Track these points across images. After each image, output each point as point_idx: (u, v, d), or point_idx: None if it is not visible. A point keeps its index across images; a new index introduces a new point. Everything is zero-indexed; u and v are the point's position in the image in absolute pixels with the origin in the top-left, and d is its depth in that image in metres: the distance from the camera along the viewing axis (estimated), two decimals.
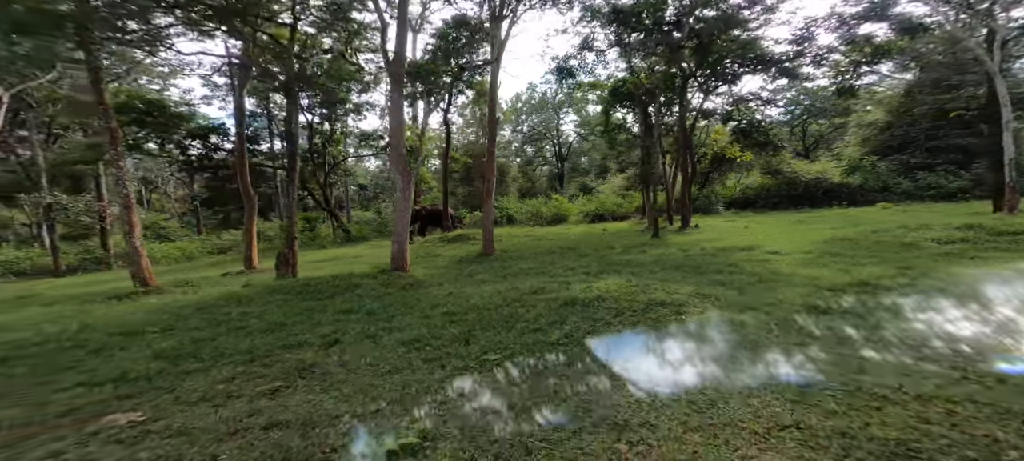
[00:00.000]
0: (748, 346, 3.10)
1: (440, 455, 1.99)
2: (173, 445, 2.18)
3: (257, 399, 2.77)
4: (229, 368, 3.34)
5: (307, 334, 4.20)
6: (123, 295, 8.40)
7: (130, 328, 4.79)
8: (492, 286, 6.17)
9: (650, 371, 2.82)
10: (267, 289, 6.50)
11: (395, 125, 8.04)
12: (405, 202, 7.91)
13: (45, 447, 2.28)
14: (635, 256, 8.20)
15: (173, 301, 6.85)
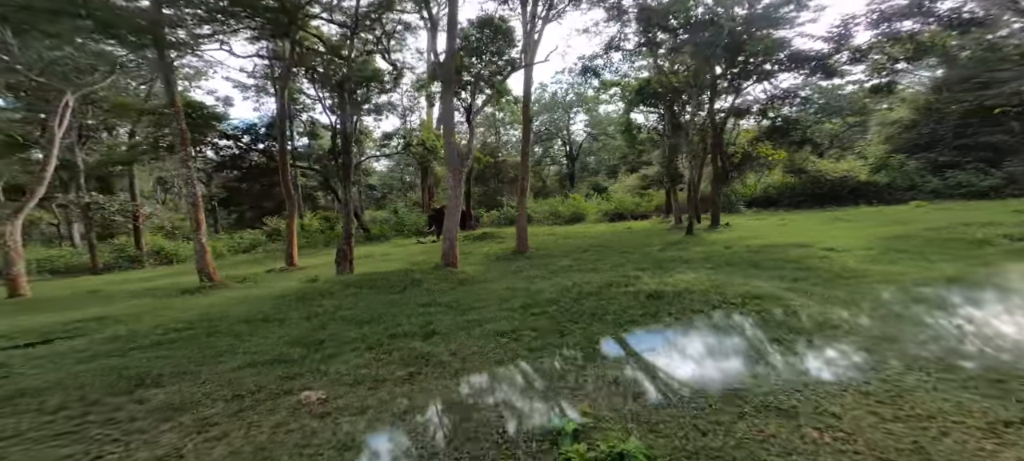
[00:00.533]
0: (887, 339, 3.08)
1: (610, 435, 2.11)
2: (366, 421, 2.44)
3: (400, 384, 3.01)
4: (356, 355, 3.61)
5: (404, 325, 4.45)
6: (192, 290, 8.79)
7: (245, 317, 5.10)
8: (550, 281, 6.37)
9: (785, 360, 2.85)
10: (339, 284, 6.79)
11: (447, 125, 8.29)
12: (456, 200, 8.16)
13: (269, 418, 2.56)
14: (678, 253, 8.34)
15: (248, 295, 7.19)
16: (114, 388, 3.09)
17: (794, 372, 2.74)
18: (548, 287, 5.73)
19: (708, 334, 3.44)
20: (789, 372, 2.74)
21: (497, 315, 4.71)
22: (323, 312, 5.11)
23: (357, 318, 4.79)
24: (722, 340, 3.33)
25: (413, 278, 6.97)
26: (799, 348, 3.09)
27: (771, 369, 2.79)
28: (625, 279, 5.04)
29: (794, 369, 2.78)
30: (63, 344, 4.68)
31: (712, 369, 2.89)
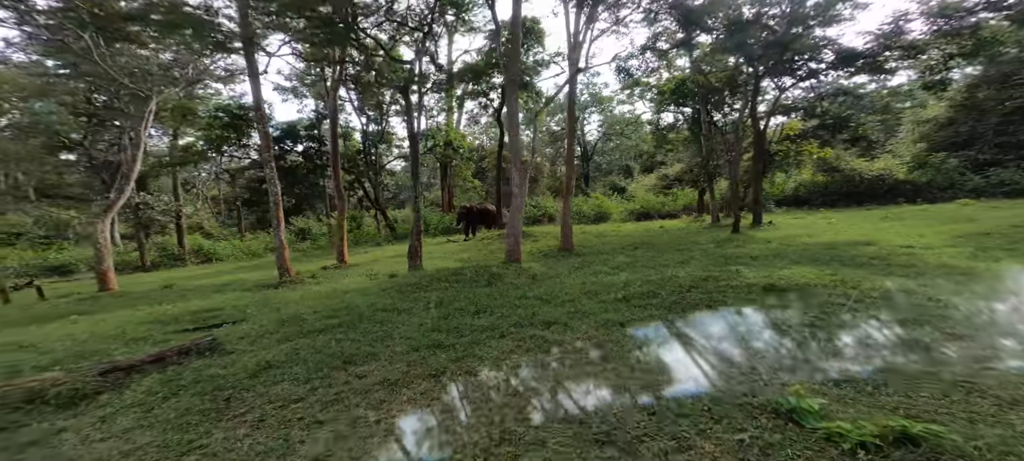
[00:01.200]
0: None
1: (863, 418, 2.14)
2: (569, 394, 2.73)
3: (563, 366, 3.30)
4: (496, 341, 3.89)
5: (517, 315, 4.71)
6: (274, 284, 9.27)
7: (375, 308, 5.47)
8: (620, 276, 6.54)
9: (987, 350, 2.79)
10: (425, 278, 7.13)
11: (512, 124, 8.60)
12: (521, 198, 8.46)
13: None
14: (737, 249, 8.47)
15: (334, 288, 7.60)
16: (331, 365, 3.45)
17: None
18: (630, 280, 5.95)
19: (890, 324, 3.48)
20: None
21: (598, 307, 4.94)
22: (434, 303, 5.43)
23: (468, 309, 5.09)
24: (913, 331, 3.30)
25: (491, 273, 7.28)
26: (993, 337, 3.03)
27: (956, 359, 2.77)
28: (722, 273, 5.23)
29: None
30: (232, 329, 5.09)
31: (932, 358, 2.85)
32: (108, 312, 7.26)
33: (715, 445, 2.09)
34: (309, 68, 22.06)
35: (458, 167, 26.64)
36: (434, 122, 28.68)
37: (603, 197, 27.98)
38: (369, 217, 29.06)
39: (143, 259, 19.81)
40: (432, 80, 14.59)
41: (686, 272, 5.91)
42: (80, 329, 5.78)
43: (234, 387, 3.12)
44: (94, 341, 5.06)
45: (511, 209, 8.59)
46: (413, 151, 9.62)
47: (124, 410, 2.94)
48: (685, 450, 2.08)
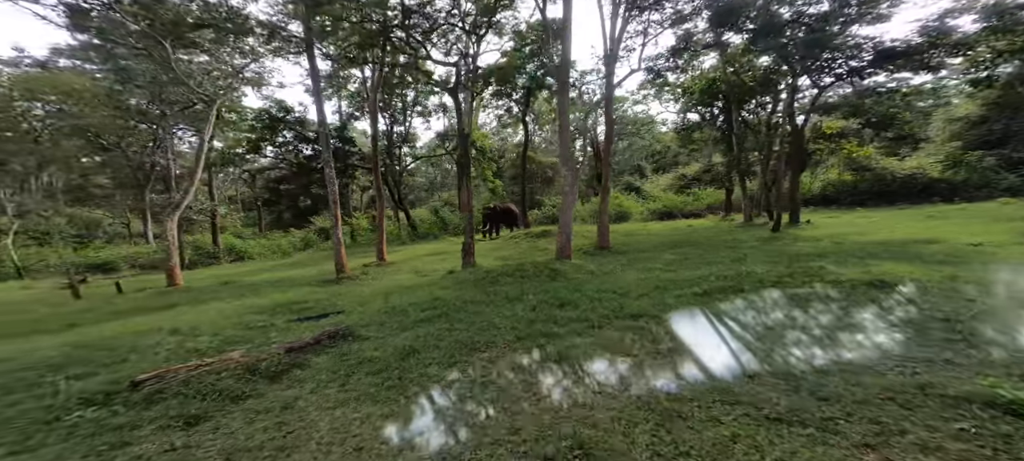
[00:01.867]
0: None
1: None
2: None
3: (680, 355, 3.55)
4: (595, 332, 4.13)
5: (599, 309, 4.90)
6: (332, 279, 9.68)
7: (462, 300, 5.77)
8: (679, 273, 6.72)
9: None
10: (486, 274, 7.42)
11: (562, 125, 8.86)
12: (572, 196, 8.71)
13: None
14: (790, 247, 8.55)
15: (398, 283, 7.97)
16: (461, 350, 3.74)
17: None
18: (704, 276, 6.12)
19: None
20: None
21: (678, 301, 5.13)
22: (513, 297, 5.71)
23: (551, 302, 5.35)
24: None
25: (551, 269, 7.54)
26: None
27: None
28: (801, 269, 5.38)
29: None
30: (337, 318, 5.45)
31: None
32: (201, 304, 7.69)
33: (929, 431, 2.08)
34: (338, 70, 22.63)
35: (483, 168, 26.97)
36: (450, 123, 28.92)
37: (623, 197, 28.08)
38: (387, 217, 29.44)
39: (182, 257, 20.49)
40: (478, 81, 14.90)
41: (761, 268, 6.09)
42: (195, 319, 6.18)
43: (395, 367, 3.43)
44: (228, 327, 5.45)
45: (563, 207, 8.84)
46: (464, 151, 9.93)
47: (323, 384, 3.28)
48: (895, 434, 2.07)
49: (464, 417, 2.65)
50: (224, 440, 2.58)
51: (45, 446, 2.66)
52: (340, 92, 25.37)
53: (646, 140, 47.63)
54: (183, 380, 3.32)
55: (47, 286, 15.46)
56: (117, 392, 3.27)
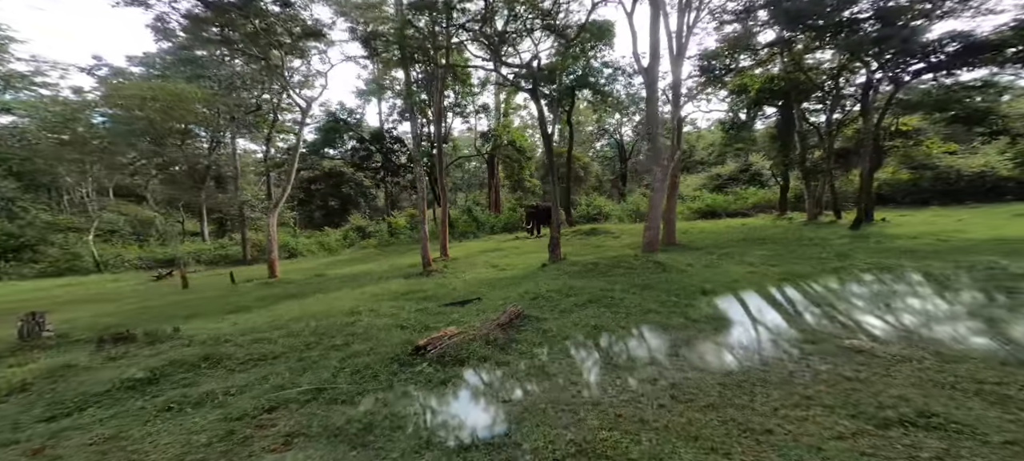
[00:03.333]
0: None
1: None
2: None
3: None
4: None
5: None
6: (419, 272, 10.21)
7: (596, 291, 6.05)
8: (801, 267, 6.89)
9: None
10: (589, 266, 7.76)
11: (652, 123, 9.13)
12: (662, 191, 8.97)
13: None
14: (888, 244, 8.52)
15: (487, 276, 8.40)
16: (638, 328, 4.10)
17: None
18: (806, 272, 6.30)
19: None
20: None
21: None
22: (641, 285, 6.03)
23: (683, 289, 5.64)
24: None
25: (653, 261, 7.81)
26: None
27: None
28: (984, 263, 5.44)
29: None
30: (482, 304, 5.91)
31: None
32: (327, 292, 8.32)
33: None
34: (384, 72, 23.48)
35: (524, 167, 27.40)
36: (473, 123, 29.25)
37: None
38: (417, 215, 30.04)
39: (245, 253, 21.71)
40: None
41: (866, 262, 6.20)
42: (343, 304, 6.73)
43: (591, 340, 3.80)
44: (387, 310, 5.94)
45: (652, 204, 9.11)
46: (548, 149, 10.32)
47: (553, 354, 3.69)
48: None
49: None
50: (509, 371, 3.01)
51: (398, 382, 3.32)
52: (382, 94, 26.29)
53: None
54: (450, 346, 3.81)
55: (138, 278, 16.66)
56: (406, 354, 3.80)
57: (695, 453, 2.16)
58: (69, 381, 3.59)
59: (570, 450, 2.23)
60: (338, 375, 3.55)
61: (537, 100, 10.63)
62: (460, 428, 2.61)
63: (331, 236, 27.14)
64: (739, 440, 2.26)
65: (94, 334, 5.49)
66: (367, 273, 11.78)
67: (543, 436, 2.39)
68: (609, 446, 2.24)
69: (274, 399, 3.13)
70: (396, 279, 9.71)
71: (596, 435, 2.32)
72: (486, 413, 2.79)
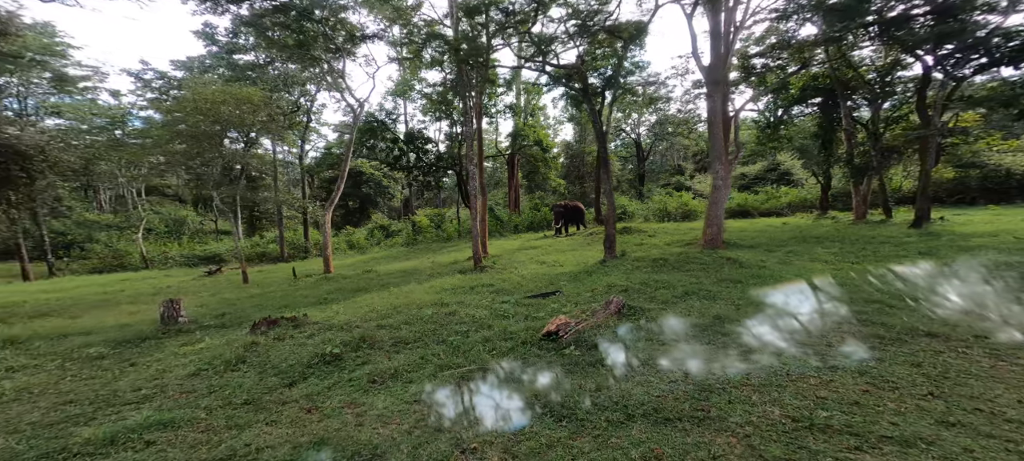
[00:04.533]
0: None
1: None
2: None
3: None
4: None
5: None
6: (469, 269, 10.46)
7: (690, 286, 6.19)
8: (877, 267, 6.91)
9: None
10: (654, 263, 7.89)
11: (713, 122, 9.21)
12: (725, 189, 9.04)
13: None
14: (958, 242, 8.41)
15: (542, 272, 8.59)
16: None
17: None
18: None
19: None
20: None
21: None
22: (729, 279, 6.15)
23: (764, 277, 5.73)
24: None
25: (725, 257, 7.90)
26: None
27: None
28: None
29: None
30: (569, 297, 6.12)
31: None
32: (391, 288, 8.60)
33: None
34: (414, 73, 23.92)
35: (549, 168, 27.52)
36: (499, 123, 29.43)
37: (688, 196, 27.95)
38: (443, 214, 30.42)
39: (282, 251, 22.39)
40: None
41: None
42: (419, 298, 7.01)
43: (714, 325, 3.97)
44: (472, 304, 6.20)
45: (714, 202, 9.19)
46: (601, 147, 10.47)
47: (688, 339, 3.90)
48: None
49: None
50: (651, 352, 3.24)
51: (534, 363, 3.51)
52: (408, 94, 26.75)
53: (691, 139, 46.74)
54: (579, 332, 4.01)
55: (188, 274, 17.36)
56: (536, 339, 4.03)
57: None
58: (269, 357, 3.90)
59: (786, 425, 2.38)
60: (490, 356, 3.78)
61: (590, 100, 10.78)
62: (647, 402, 2.79)
63: (358, 234, 27.70)
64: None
65: (218, 320, 5.86)
66: (414, 269, 12.08)
67: (746, 412, 2.55)
68: (842, 422, 2.32)
69: (452, 376, 3.37)
70: (450, 275, 9.97)
71: (812, 412, 2.46)
72: (660, 390, 2.97)
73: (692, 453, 2.16)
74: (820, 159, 17.11)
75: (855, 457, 2.05)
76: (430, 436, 2.53)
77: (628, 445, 2.28)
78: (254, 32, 10.95)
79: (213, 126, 11.74)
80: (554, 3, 11.89)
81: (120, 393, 3.26)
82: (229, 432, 2.56)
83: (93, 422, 2.79)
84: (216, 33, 20.53)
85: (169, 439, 2.51)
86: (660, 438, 2.32)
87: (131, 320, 6.31)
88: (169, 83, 23.93)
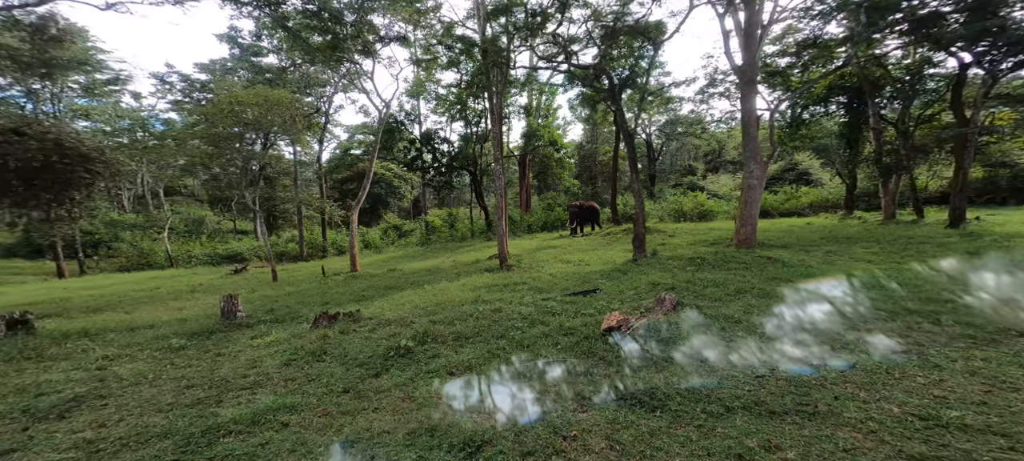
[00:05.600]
0: None
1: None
2: None
3: None
4: None
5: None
6: (493, 268, 10.51)
7: (712, 281, 6.26)
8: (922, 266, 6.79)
9: None
10: (691, 262, 7.85)
11: (750, 123, 9.15)
12: (760, 188, 8.97)
13: None
14: (1002, 242, 8.24)
15: (570, 271, 8.59)
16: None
17: None
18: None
19: None
20: None
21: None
22: (778, 277, 6.11)
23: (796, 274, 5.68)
24: None
25: (765, 256, 7.84)
26: None
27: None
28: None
29: None
30: (607, 295, 6.15)
31: None
32: (427, 285, 8.70)
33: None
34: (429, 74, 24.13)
35: (561, 169, 27.52)
36: (514, 124, 29.57)
37: (704, 196, 27.71)
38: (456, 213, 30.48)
39: (302, 249, 22.76)
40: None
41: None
42: (454, 296, 7.09)
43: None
44: (514, 300, 6.27)
45: (748, 202, 9.13)
46: (629, 147, 10.47)
47: (768, 337, 3.92)
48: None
49: None
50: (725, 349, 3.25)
51: (603, 356, 3.58)
52: (423, 95, 26.98)
53: (703, 139, 46.33)
54: (637, 328, 4.03)
55: (215, 272, 17.72)
56: (597, 334, 4.05)
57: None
58: (345, 349, 4.01)
59: (915, 423, 2.33)
60: (555, 350, 3.82)
61: (617, 100, 10.79)
62: (742, 396, 2.80)
63: (372, 234, 27.96)
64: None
65: (270, 315, 6.00)
66: (437, 268, 12.14)
67: (860, 408, 2.53)
68: (981, 422, 2.26)
69: (529, 369, 3.42)
70: (477, 274, 9.99)
71: (938, 411, 2.43)
72: (749, 385, 2.97)
73: (816, 446, 2.16)
74: (845, 158, 16.86)
75: (1012, 458, 2.01)
76: (528, 425, 2.59)
77: (738, 435, 2.30)
78: (288, 38, 11.17)
79: (244, 127, 12.02)
80: (575, 4, 11.96)
81: (228, 380, 3.41)
82: (343, 417, 2.66)
83: (223, 404, 2.94)
84: (239, 36, 20.98)
85: (298, 421, 2.63)
86: (770, 430, 2.34)
87: (183, 315, 6.50)
88: (192, 85, 24.49)
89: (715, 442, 2.26)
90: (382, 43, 11.65)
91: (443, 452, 2.33)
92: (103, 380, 3.48)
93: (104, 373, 3.61)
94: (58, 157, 6.22)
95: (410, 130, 23.43)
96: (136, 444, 2.48)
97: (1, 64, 6.83)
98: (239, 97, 11.19)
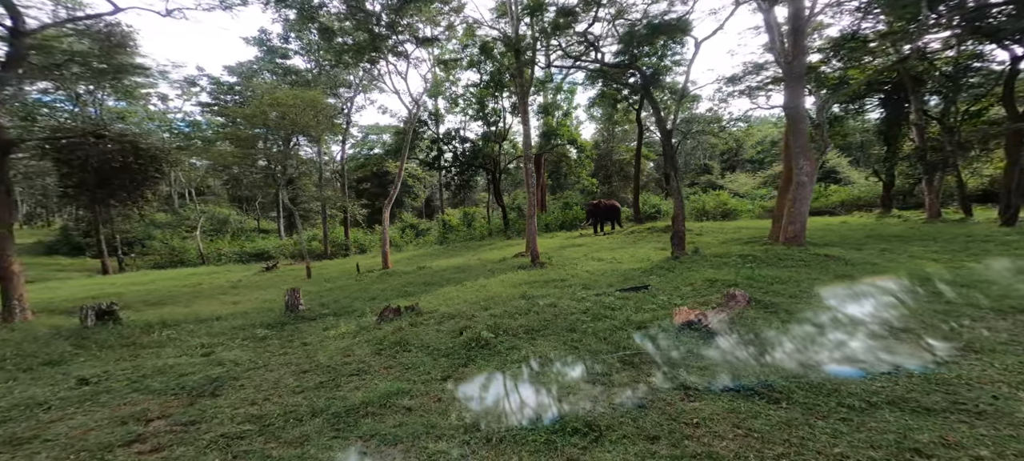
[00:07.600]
0: None
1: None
2: None
3: None
4: None
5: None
6: (526, 266, 10.47)
7: (778, 278, 6.10)
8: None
9: None
10: (740, 261, 7.67)
11: (798, 119, 8.93)
12: (811, 185, 8.73)
13: None
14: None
15: (607, 268, 8.47)
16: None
17: None
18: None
19: None
20: None
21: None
22: (844, 278, 5.92)
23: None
24: None
25: (822, 254, 7.60)
26: None
27: None
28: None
29: None
30: (657, 290, 6.07)
31: None
32: (465, 282, 8.70)
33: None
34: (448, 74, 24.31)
35: (579, 166, 27.38)
36: (534, 123, 29.46)
37: (727, 195, 27.20)
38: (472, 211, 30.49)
39: (326, 248, 23.19)
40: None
41: None
42: (498, 291, 7.06)
43: None
44: (564, 296, 6.22)
45: (798, 199, 8.88)
46: (667, 144, 10.33)
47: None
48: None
49: None
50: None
51: (690, 347, 3.52)
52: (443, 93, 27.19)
53: (721, 137, 45.53)
54: (715, 323, 3.96)
55: (246, 270, 18.16)
56: (671, 328, 4.00)
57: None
58: (423, 340, 4.05)
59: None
60: (633, 342, 3.76)
61: (652, 97, 10.66)
62: (882, 391, 2.68)
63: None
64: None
65: (326, 309, 6.10)
66: (466, 265, 12.08)
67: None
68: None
69: (619, 359, 3.38)
70: (510, 271, 9.93)
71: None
72: (879, 381, 2.86)
73: (1011, 446, 2.03)
74: (883, 155, 16.29)
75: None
76: (641, 411, 2.56)
77: (899, 429, 2.21)
78: (324, 34, 11.40)
79: (277, 128, 12.35)
80: (604, 4, 11.81)
81: (335, 367, 3.50)
82: (453, 403, 2.68)
83: (341, 389, 3.03)
84: (268, 38, 21.53)
85: (418, 406, 2.65)
86: (937, 427, 2.23)
87: (242, 309, 6.67)
88: (220, 88, 25.25)
89: (873, 436, 2.17)
90: (416, 43, 11.79)
91: (568, 435, 2.32)
92: (221, 363, 3.64)
93: (211, 359, 3.75)
94: (134, 157, 6.57)
95: (435, 130, 23.63)
96: (295, 421, 2.61)
97: (79, 72, 7.22)
98: (277, 98, 11.47)
